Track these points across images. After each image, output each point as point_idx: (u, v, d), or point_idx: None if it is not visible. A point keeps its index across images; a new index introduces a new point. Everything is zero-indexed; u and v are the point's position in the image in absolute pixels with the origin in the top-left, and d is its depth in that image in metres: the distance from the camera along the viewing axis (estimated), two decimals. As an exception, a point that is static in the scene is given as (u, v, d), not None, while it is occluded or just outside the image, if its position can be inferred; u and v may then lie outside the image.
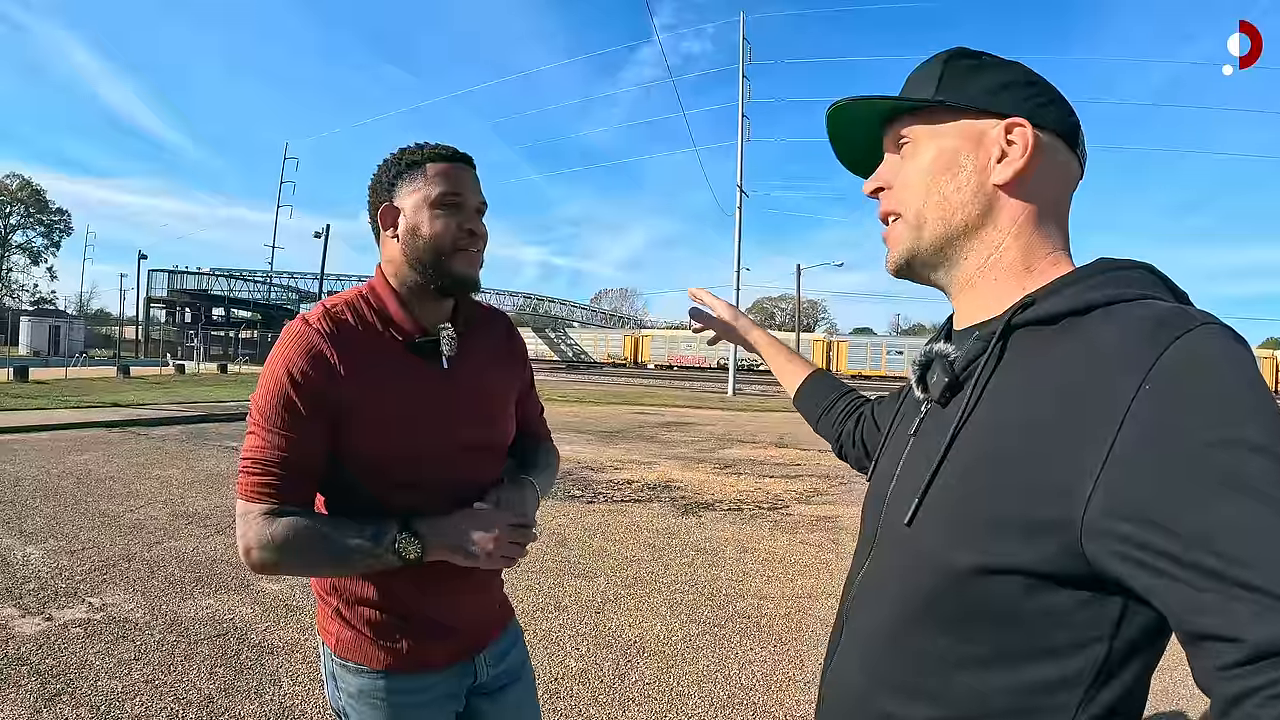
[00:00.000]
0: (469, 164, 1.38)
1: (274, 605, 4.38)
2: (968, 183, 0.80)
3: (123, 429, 12.29)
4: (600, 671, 3.67)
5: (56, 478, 7.87)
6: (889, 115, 0.88)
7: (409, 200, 1.33)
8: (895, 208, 0.86)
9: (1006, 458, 0.67)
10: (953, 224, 0.81)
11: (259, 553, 1.22)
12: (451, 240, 1.32)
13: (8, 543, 5.43)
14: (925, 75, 0.84)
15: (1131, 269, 0.73)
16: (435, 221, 1.31)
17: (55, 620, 4.06)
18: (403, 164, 1.34)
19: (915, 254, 0.85)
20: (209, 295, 56.69)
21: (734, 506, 7.80)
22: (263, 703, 3.25)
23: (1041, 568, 0.64)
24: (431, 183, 1.32)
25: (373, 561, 1.24)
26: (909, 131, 0.85)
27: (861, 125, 0.90)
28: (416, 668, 1.38)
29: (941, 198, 0.81)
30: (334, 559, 1.25)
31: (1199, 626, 0.55)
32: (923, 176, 0.82)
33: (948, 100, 0.81)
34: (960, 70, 0.82)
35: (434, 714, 1.41)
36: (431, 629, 1.39)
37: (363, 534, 1.23)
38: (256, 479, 1.24)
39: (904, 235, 0.85)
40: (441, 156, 1.34)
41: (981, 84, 0.81)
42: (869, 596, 0.84)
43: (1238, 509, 0.53)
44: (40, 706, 3.12)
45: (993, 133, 0.79)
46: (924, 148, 0.83)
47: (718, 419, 18.68)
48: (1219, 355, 0.60)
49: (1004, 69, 0.82)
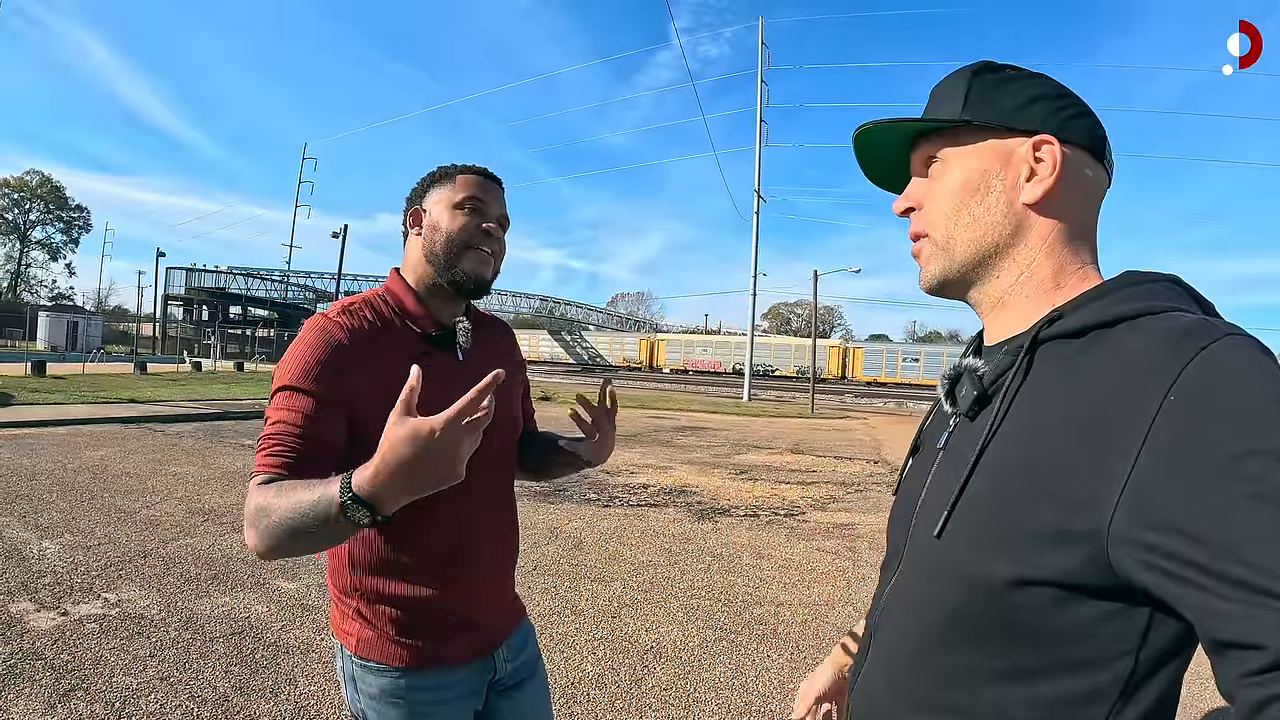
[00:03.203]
0: (497, 182, 1.48)
1: (290, 604, 4.41)
2: (998, 203, 0.80)
3: (139, 425, 12.43)
4: (617, 676, 3.67)
5: (73, 473, 7.95)
6: (916, 135, 0.87)
7: (436, 204, 1.43)
8: (925, 228, 0.86)
9: (1034, 468, 0.67)
10: (984, 245, 0.81)
11: (251, 533, 1.11)
12: (468, 238, 1.40)
13: (24, 536, 5.49)
14: (951, 90, 0.84)
15: (1157, 282, 0.73)
16: (455, 219, 1.40)
17: (70, 615, 4.08)
18: (436, 176, 1.46)
19: (948, 274, 0.85)
20: (226, 294, 57.09)
21: (750, 512, 7.78)
22: (278, 702, 3.25)
23: (1069, 579, 0.64)
24: (459, 189, 1.42)
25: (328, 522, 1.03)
26: (937, 152, 0.85)
27: (889, 145, 0.90)
28: (438, 664, 1.39)
29: (972, 219, 0.81)
30: (296, 520, 1.06)
31: (1224, 634, 0.55)
32: (952, 198, 0.82)
33: (975, 120, 0.81)
34: (986, 85, 0.82)
35: (456, 712, 1.42)
36: (452, 625, 1.40)
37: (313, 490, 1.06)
38: (263, 456, 1.20)
39: (935, 255, 0.85)
40: (472, 171, 1.45)
41: (1008, 99, 0.80)
42: (896, 611, 0.84)
43: (1265, 519, 0.54)
44: (55, 702, 3.13)
45: (1021, 151, 0.79)
46: (952, 168, 0.83)
47: (733, 424, 18.66)
48: (1245, 366, 0.60)
49: (1030, 82, 0.81)
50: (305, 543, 1.09)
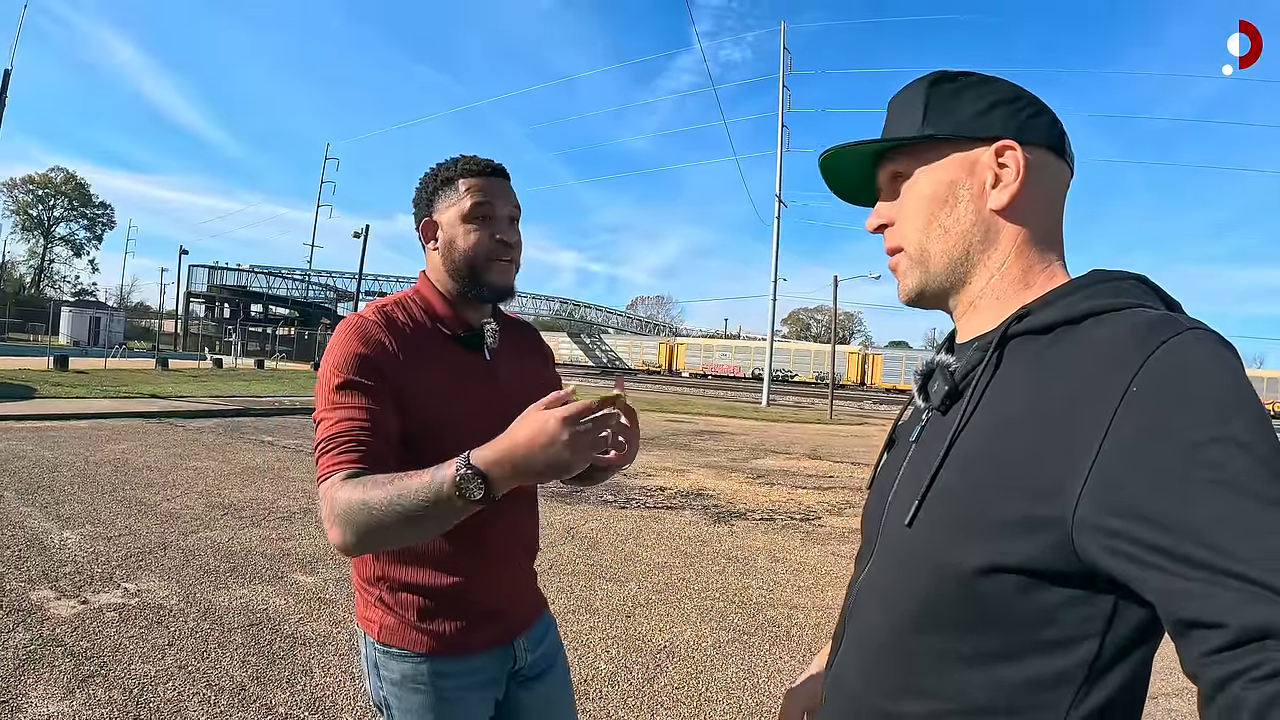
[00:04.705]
0: (500, 175, 1.48)
1: (307, 598, 4.48)
2: (966, 212, 0.82)
3: (160, 420, 12.61)
4: (630, 675, 3.70)
5: (95, 465, 8.10)
6: (880, 152, 0.89)
7: (445, 215, 1.45)
8: (899, 243, 0.88)
9: (1003, 459, 0.69)
10: (956, 253, 0.83)
11: (338, 529, 1.16)
12: (485, 253, 1.43)
13: (45, 526, 5.59)
14: (909, 104, 0.86)
15: (1123, 279, 0.75)
16: (469, 235, 1.43)
17: (90, 604, 4.15)
18: (439, 180, 1.46)
19: (925, 286, 0.87)
20: (248, 292, 57.57)
21: (766, 516, 7.79)
22: (294, 692, 3.31)
23: (1035, 565, 0.66)
24: (464, 197, 1.43)
25: (439, 501, 1.09)
26: (903, 168, 0.86)
27: (854, 164, 0.92)
28: (459, 650, 1.42)
29: (943, 230, 0.83)
30: (399, 510, 1.11)
31: (1186, 613, 0.57)
32: (921, 211, 0.84)
33: (937, 134, 0.83)
34: (944, 96, 0.84)
35: (476, 699, 1.45)
36: (474, 611, 1.44)
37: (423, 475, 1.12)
38: (330, 454, 1.23)
39: (911, 269, 0.87)
40: (472, 171, 1.45)
41: (966, 108, 0.82)
42: (868, 600, 0.85)
43: (1225, 503, 0.56)
44: (74, 687, 3.19)
45: (984, 159, 0.81)
46: (920, 183, 0.85)
47: (751, 429, 18.63)
48: (1206, 358, 0.62)
49: (986, 87, 0.83)
50: (406, 529, 1.13)
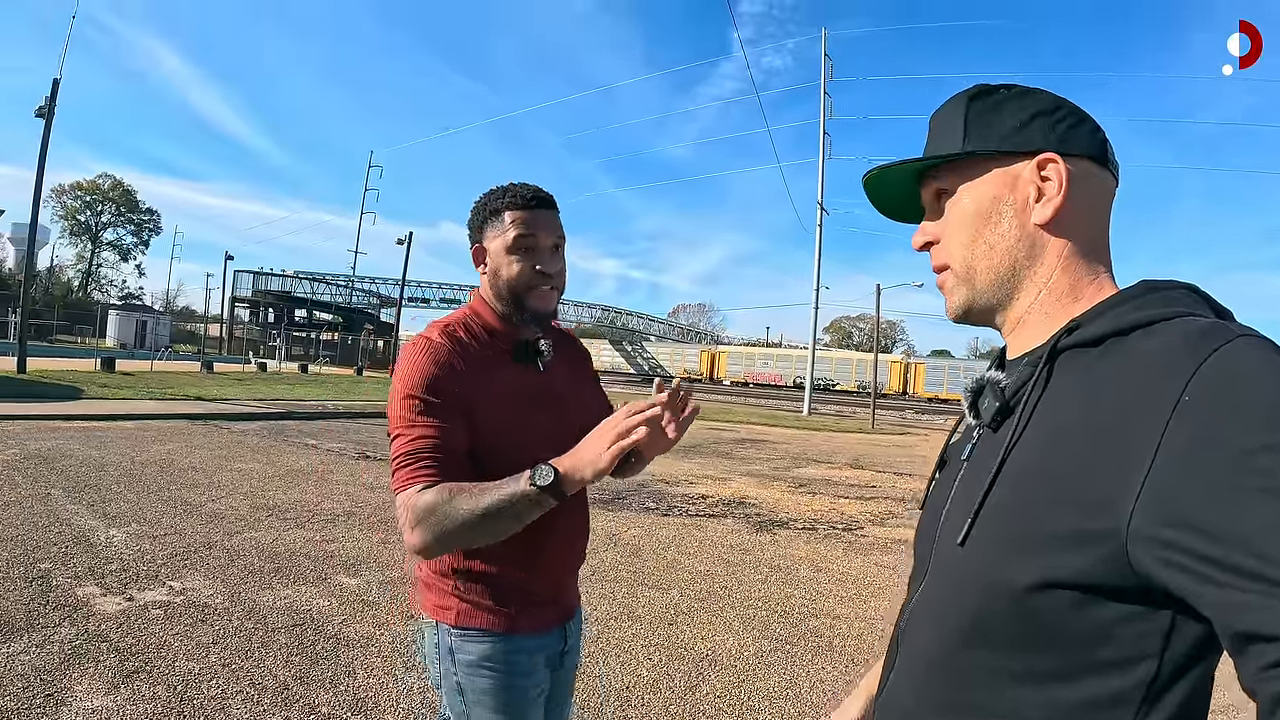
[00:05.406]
0: (545, 205, 1.58)
1: (351, 600, 4.54)
2: (1010, 228, 0.82)
3: (205, 422, 12.89)
4: (672, 682, 3.72)
5: (141, 465, 8.32)
6: (923, 169, 0.89)
7: (493, 245, 1.57)
8: (945, 260, 0.88)
9: (1055, 472, 0.68)
10: (1002, 270, 0.83)
11: (419, 532, 1.33)
12: (527, 282, 1.54)
13: (92, 524, 5.70)
14: (950, 120, 0.86)
15: (1173, 289, 0.74)
16: (512, 265, 1.54)
17: (136, 601, 4.21)
18: (487, 210, 1.58)
19: (972, 303, 0.87)
20: (292, 297, 58.37)
21: (808, 525, 7.75)
22: (337, 693, 3.33)
23: (1089, 579, 0.64)
24: (509, 229, 1.54)
25: (515, 500, 1.30)
26: (946, 185, 0.87)
27: (897, 183, 0.93)
28: (528, 630, 1.56)
29: (988, 246, 0.83)
30: (480, 508, 1.30)
31: (1242, 626, 0.56)
32: (966, 228, 0.84)
33: (977, 150, 0.83)
34: (983, 110, 0.84)
35: (540, 677, 1.58)
36: (539, 597, 1.58)
37: (501, 480, 1.32)
38: (409, 469, 1.38)
39: (958, 286, 0.87)
40: (517, 204, 1.55)
41: (1006, 122, 0.82)
42: (921, 620, 0.84)
43: (1276, 512, 0.54)
44: (118, 682, 3.24)
45: (1026, 173, 0.81)
46: (963, 200, 0.85)
47: (793, 437, 18.53)
48: (1258, 364, 0.61)
49: (1026, 100, 0.83)
50: (482, 527, 1.32)
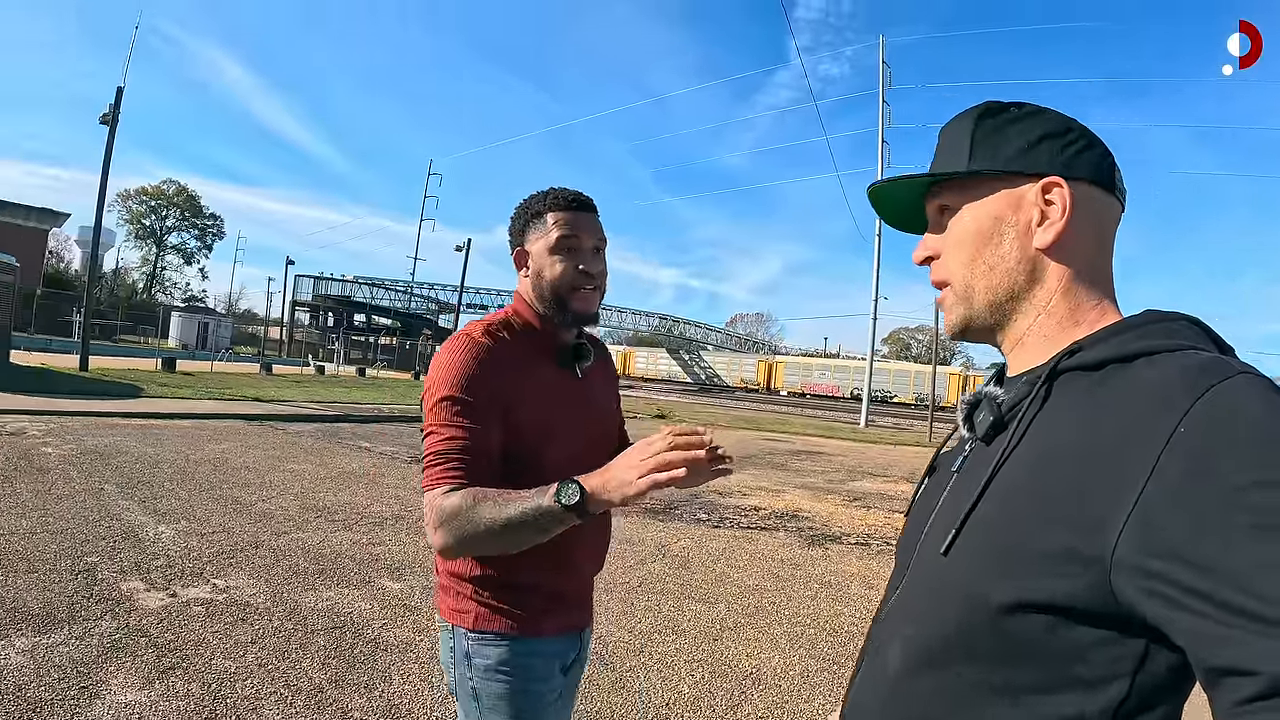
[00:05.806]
0: (587, 208, 1.58)
1: (393, 604, 4.54)
2: (1011, 249, 0.82)
3: (261, 422, 13.22)
4: (713, 700, 3.62)
5: (194, 464, 8.50)
6: (928, 184, 0.90)
7: (535, 246, 1.57)
8: (945, 277, 0.89)
9: (1044, 494, 0.68)
10: (1000, 291, 0.84)
11: (442, 533, 1.32)
12: (569, 283, 1.54)
13: (142, 520, 5.81)
14: (957, 137, 0.87)
15: (1175, 320, 0.75)
16: (555, 266, 1.54)
17: (179, 597, 4.26)
18: (529, 213, 1.58)
19: (970, 321, 0.87)
20: (351, 301, 60.19)
21: (861, 540, 7.54)
22: (371, 698, 3.32)
23: (1067, 602, 0.65)
24: (552, 230, 1.54)
25: (539, 515, 1.27)
26: (950, 202, 0.87)
27: (904, 195, 0.93)
28: (552, 632, 1.55)
29: (988, 267, 0.84)
30: (503, 518, 1.28)
31: (1220, 661, 0.56)
32: (967, 247, 0.85)
33: (982, 170, 0.83)
34: (991, 130, 0.84)
35: (554, 685, 1.56)
36: (559, 601, 1.56)
37: (526, 491, 1.31)
38: (438, 469, 1.37)
39: (956, 304, 0.88)
40: (559, 205, 1.55)
41: (1013, 142, 0.82)
42: (896, 626, 0.84)
43: (1267, 549, 0.55)
44: (154, 677, 3.28)
45: (1030, 196, 0.81)
46: (965, 218, 0.86)
47: (849, 449, 18.19)
48: (1255, 402, 0.62)
49: (1034, 120, 0.83)
50: (504, 535, 1.30)
